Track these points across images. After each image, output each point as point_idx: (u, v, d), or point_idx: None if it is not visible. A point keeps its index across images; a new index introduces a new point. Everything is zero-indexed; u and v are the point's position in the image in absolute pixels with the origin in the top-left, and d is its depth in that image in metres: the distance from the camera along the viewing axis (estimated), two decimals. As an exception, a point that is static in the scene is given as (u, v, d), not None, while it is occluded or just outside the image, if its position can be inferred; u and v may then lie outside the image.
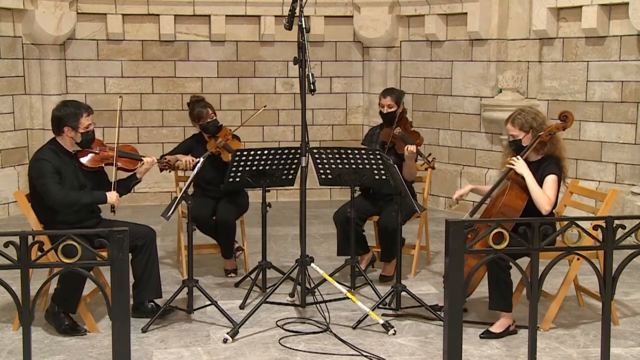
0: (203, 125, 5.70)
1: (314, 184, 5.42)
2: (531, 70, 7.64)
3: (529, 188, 4.48)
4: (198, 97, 5.87)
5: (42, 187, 4.49)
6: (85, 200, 4.60)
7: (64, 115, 4.59)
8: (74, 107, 4.63)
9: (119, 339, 2.75)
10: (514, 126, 4.63)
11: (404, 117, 5.67)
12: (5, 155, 7.97)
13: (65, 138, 4.63)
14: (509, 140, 4.70)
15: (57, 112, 4.64)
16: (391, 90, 5.83)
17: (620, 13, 6.80)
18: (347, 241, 5.29)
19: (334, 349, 4.29)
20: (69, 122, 4.58)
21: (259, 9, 8.55)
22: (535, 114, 4.66)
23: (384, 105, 5.68)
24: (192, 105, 5.77)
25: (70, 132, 4.60)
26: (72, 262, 2.70)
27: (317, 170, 5.15)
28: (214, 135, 5.70)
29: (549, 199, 4.45)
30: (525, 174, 4.50)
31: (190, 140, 5.90)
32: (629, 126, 6.91)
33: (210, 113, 5.69)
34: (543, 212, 4.45)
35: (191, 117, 5.78)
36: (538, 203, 4.46)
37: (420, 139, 5.59)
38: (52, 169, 4.51)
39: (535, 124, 4.59)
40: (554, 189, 4.49)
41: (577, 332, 4.59)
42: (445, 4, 8.06)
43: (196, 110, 5.70)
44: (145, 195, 8.50)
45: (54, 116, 4.64)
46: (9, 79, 7.96)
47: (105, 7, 8.26)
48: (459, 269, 2.82)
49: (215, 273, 5.81)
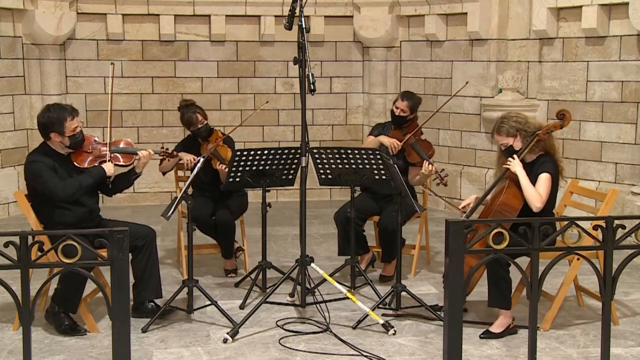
0: (194, 132, 5.68)
1: (314, 184, 5.42)
2: (531, 70, 7.64)
3: (522, 185, 4.51)
4: (187, 102, 5.77)
5: (43, 185, 4.48)
6: (86, 181, 4.57)
7: (47, 121, 4.53)
8: (57, 112, 4.54)
9: (119, 339, 2.75)
10: (501, 135, 4.68)
11: (418, 126, 5.68)
12: (5, 155, 7.97)
13: (54, 142, 4.60)
14: (502, 149, 4.72)
15: (42, 118, 4.56)
16: (411, 95, 5.79)
17: (620, 13, 6.80)
18: (348, 241, 5.29)
19: (334, 349, 4.29)
20: (55, 127, 4.52)
21: (259, 9, 8.55)
22: (516, 116, 4.71)
23: (398, 107, 5.70)
24: (182, 111, 5.70)
25: (57, 137, 4.55)
26: (72, 262, 2.70)
27: (317, 170, 5.15)
28: (206, 139, 5.69)
29: (540, 196, 4.49)
30: (518, 172, 4.54)
31: (187, 141, 5.85)
32: (629, 126, 6.91)
33: (200, 119, 5.63)
34: (534, 209, 4.48)
35: (182, 122, 5.76)
36: (529, 200, 4.50)
37: (432, 150, 5.64)
38: (47, 167, 4.50)
39: (520, 126, 4.63)
40: (547, 187, 4.52)
41: (577, 332, 4.59)
42: (445, 4, 8.06)
43: (186, 116, 5.65)
44: (145, 195, 8.50)
45: (39, 123, 4.58)
46: (9, 79, 7.96)
47: (105, 7, 8.26)
48: (459, 269, 2.82)
49: (215, 273, 5.81)
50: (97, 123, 8.13)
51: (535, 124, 4.73)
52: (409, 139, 5.59)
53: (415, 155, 5.55)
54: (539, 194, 4.49)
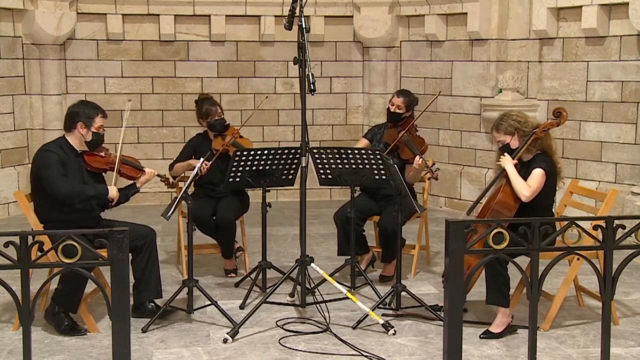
0: (210, 123, 5.68)
1: (314, 184, 5.42)
2: (531, 70, 7.64)
3: (510, 178, 4.53)
4: (206, 95, 5.90)
5: (47, 177, 4.50)
6: (90, 192, 4.64)
7: (80, 111, 4.68)
8: (91, 107, 4.74)
9: (119, 339, 2.75)
10: (499, 132, 4.71)
11: (411, 122, 5.69)
12: (5, 155, 7.97)
13: (75, 135, 4.67)
14: (499, 147, 4.74)
15: (74, 108, 4.73)
16: (406, 93, 5.80)
17: (620, 13, 6.80)
18: (348, 241, 5.29)
19: (334, 349, 4.29)
20: (84, 118, 4.65)
21: (259, 9, 8.55)
22: (516, 115, 4.74)
23: (394, 103, 5.70)
24: (201, 103, 5.75)
25: (82, 129, 4.65)
26: (72, 262, 2.70)
27: (317, 170, 5.15)
28: (221, 133, 5.69)
29: (528, 186, 4.50)
30: (507, 167, 4.56)
31: (194, 140, 5.87)
32: (629, 126, 6.91)
33: (218, 111, 5.69)
34: (522, 199, 4.50)
35: (198, 115, 5.77)
36: (517, 190, 4.52)
37: (425, 146, 5.62)
38: (58, 160, 4.55)
39: (518, 125, 4.66)
40: (538, 181, 4.54)
41: (577, 332, 4.59)
42: (445, 4, 8.06)
43: (205, 107, 5.69)
44: (145, 195, 8.50)
45: (70, 112, 4.71)
46: (9, 79, 7.96)
47: (105, 7, 8.25)
48: (459, 269, 2.82)
49: (215, 273, 5.81)
50: (97, 123, 8.12)
51: (535, 123, 4.74)
52: (402, 136, 5.58)
53: (408, 151, 5.53)
54: (528, 185, 4.51)
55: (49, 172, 4.50)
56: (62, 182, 4.50)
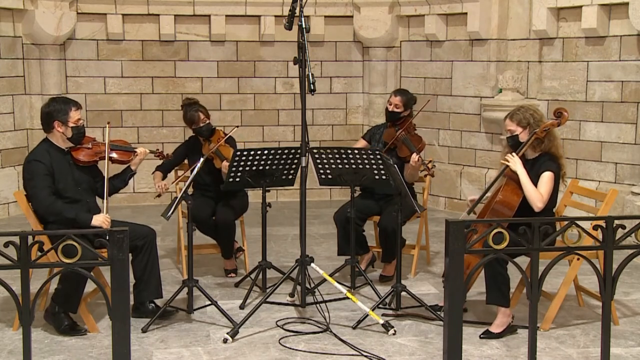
0: (196, 130, 5.69)
1: (314, 184, 5.42)
2: (531, 70, 7.64)
3: (522, 186, 4.52)
4: (190, 100, 5.80)
5: (31, 190, 4.51)
6: (69, 214, 4.49)
7: (52, 110, 4.61)
8: (61, 103, 4.66)
9: (119, 339, 2.75)
10: (512, 121, 4.68)
11: (409, 121, 5.69)
12: (5, 155, 7.97)
13: (56, 134, 4.63)
14: (507, 136, 4.73)
15: (46, 108, 4.66)
16: (404, 92, 5.83)
17: (620, 13, 6.80)
18: (348, 241, 5.29)
19: (334, 349, 4.29)
20: (58, 116, 4.59)
21: (259, 9, 8.55)
22: (534, 111, 4.72)
23: (391, 103, 5.72)
24: (185, 109, 5.73)
25: (60, 126, 4.60)
26: (72, 262, 2.70)
27: (317, 170, 5.16)
28: (208, 138, 5.70)
29: (541, 196, 4.49)
30: (519, 172, 4.54)
31: (187, 144, 5.88)
32: (629, 126, 6.91)
33: (202, 117, 5.65)
34: (535, 209, 4.49)
35: (184, 120, 5.78)
36: (530, 200, 4.50)
37: (422, 143, 5.64)
38: (45, 170, 4.51)
39: (533, 120, 4.64)
40: (549, 186, 4.53)
41: (577, 332, 4.59)
42: (445, 4, 8.06)
43: (188, 114, 5.67)
44: (145, 195, 8.50)
45: (43, 113, 4.65)
46: (9, 79, 7.96)
47: (105, 7, 8.25)
48: (459, 269, 2.82)
49: (215, 273, 5.81)
50: (97, 123, 8.12)
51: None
52: (400, 135, 5.59)
53: (405, 150, 5.55)
54: (540, 193, 4.49)
55: (32, 183, 4.50)
56: (44, 198, 4.47)
